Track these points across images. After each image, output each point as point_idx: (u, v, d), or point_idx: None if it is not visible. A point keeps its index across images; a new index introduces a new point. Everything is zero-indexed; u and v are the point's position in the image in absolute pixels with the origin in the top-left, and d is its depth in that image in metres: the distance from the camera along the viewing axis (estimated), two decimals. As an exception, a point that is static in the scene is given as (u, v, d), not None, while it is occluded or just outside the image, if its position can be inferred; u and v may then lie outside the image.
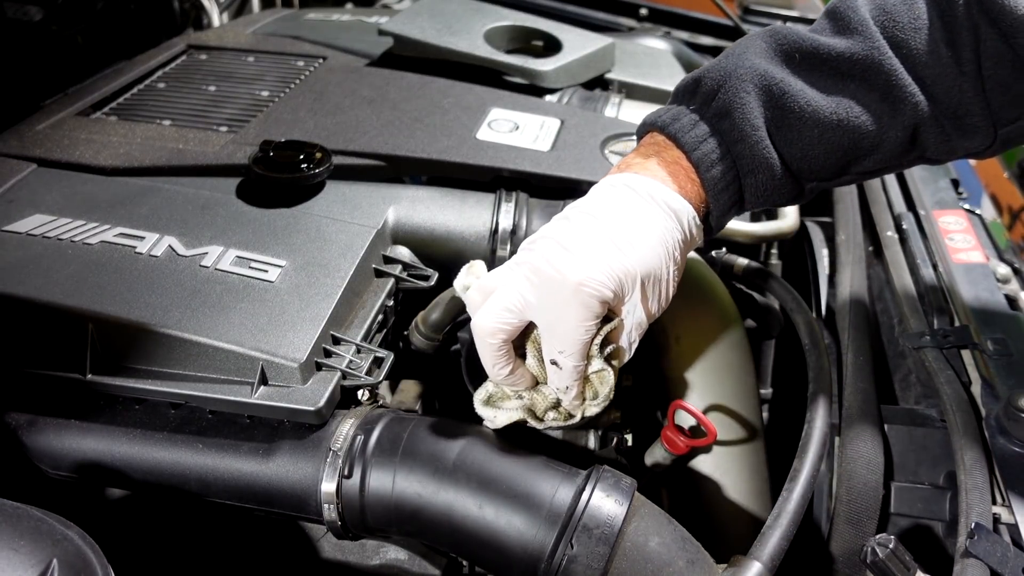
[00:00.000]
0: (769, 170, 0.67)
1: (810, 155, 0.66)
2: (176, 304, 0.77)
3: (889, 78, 0.63)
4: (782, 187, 0.69)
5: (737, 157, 0.67)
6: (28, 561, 0.49)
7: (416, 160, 1.02)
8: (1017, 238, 1.31)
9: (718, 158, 0.67)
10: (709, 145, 0.67)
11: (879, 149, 0.66)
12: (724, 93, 0.67)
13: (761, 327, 1.11)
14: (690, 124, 0.68)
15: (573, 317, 0.63)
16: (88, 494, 0.83)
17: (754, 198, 0.69)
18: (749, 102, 0.65)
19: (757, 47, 0.68)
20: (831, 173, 0.69)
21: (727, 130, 0.67)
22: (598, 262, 0.62)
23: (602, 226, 0.64)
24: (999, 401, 0.79)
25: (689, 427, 0.79)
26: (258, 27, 1.52)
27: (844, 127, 0.65)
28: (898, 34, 0.64)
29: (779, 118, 0.66)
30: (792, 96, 0.65)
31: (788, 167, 0.67)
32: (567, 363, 0.66)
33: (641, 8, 1.90)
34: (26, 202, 0.91)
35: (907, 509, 0.80)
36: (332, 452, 0.71)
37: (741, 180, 0.68)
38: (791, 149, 0.66)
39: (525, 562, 0.65)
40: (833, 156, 0.67)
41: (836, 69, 0.65)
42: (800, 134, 0.66)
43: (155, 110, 1.16)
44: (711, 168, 0.67)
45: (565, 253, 0.63)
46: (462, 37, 1.29)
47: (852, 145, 0.66)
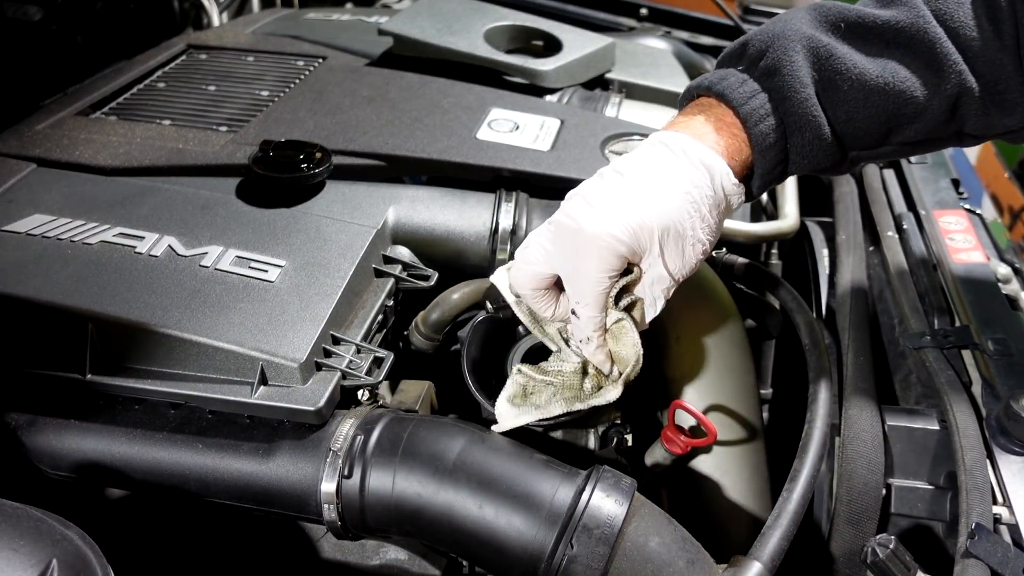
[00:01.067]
0: (816, 129, 0.67)
1: (855, 119, 0.67)
2: (176, 304, 0.77)
3: (933, 47, 0.64)
4: (827, 150, 0.69)
5: (785, 114, 0.67)
6: (28, 561, 0.49)
7: (416, 160, 1.02)
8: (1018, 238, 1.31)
9: (766, 113, 0.67)
10: (758, 101, 0.67)
11: (921, 117, 0.67)
12: (772, 52, 0.67)
13: (761, 327, 1.11)
14: (738, 82, 0.68)
15: (589, 268, 0.66)
16: (88, 494, 0.83)
17: (799, 158, 0.69)
18: (797, 60, 0.66)
19: (802, 17, 0.69)
20: (874, 139, 0.69)
21: (775, 88, 0.67)
22: (615, 215, 0.65)
23: (627, 181, 0.66)
24: (999, 401, 0.78)
25: (689, 427, 0.79)
26: (258, 27, 1.52)
27: (889, 91, 0.65)
28: (941, 6, 0.65)
29: (826, 80, 0.66)
30: (839, 58, 0.66)
31: (834, 129, 0.68)
32: (584, 313, 0.69)
33: (641, 8, 1.90)
34: (26, 202, 0.91)
35: (907, 509, 0.80)
36: (332, 452, 0.71)
37: (788, 139, 0.68)
38: (836, 111, 0.67)
39: (525, 562, 0.65)
40: (877, 121, 0.67)
41: (881, 37, 0.66)
42: (846, 96, 0.66)
43: (155, 110, 1.16)
44: (759, 123, 0.67)
45: (586, 207, 0.66)
46: (462, 37, 1.29)
47: (896, 110, 0.66)
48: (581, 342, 0.71)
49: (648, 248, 0.66)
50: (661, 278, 0.68)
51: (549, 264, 0.70)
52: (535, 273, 0.71)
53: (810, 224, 1.32)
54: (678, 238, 0.66)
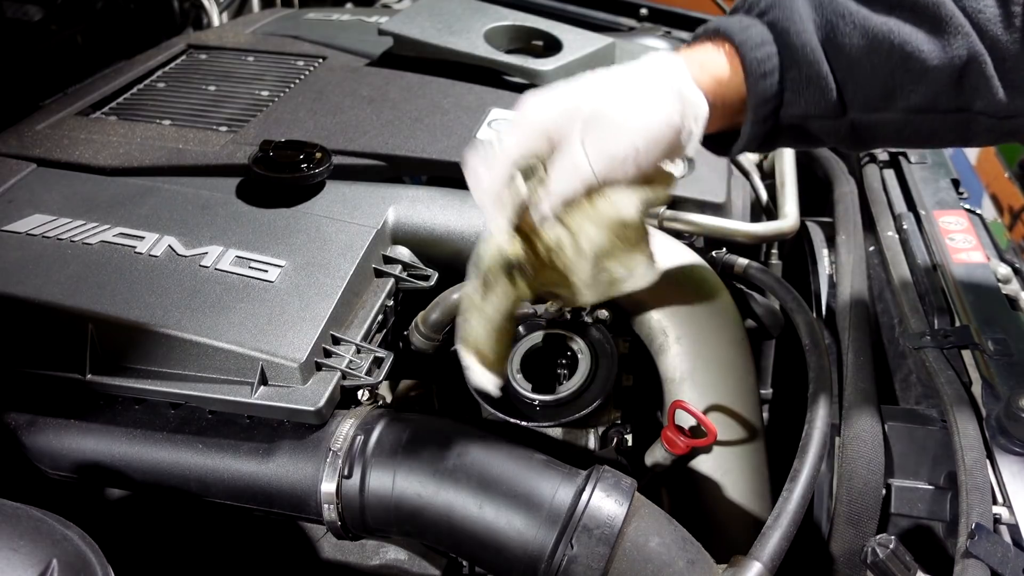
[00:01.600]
0: (812, 65, 0.65)
1: (855, 68, 0.65)
2: (176, 304, 0.77)
3: (939, 9, 0.63)
4: (825, 94, 0.67)
5: (781, 47, 0.66)
6: (28, 561, 0.49)
7: (416, 160, 1.02)
8: (1018, 238, 1.31)
9: (762, 41, 0.66)
10: (755, 30, 0.67)
11: (926, 78, 0.65)
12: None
13: (761, 327, 1.10)
14: (738, 20, 0.68)
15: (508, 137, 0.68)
16: (88, 494, 0.83)
17: (795, 96, 0.67)
18: (798, 3, 0.66)
19: None
20: (876, 98, 0.67)
21: (774, 20, 0.66)
22: (549, 90, 0.67)
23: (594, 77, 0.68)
24: (1000, 401, 0.78)
25: (689, 427, 0.79)
26: (258, 27, 1.52)
27: (893, 41, 0.64)
28: None
29: (827, 23, 0.65)
30: (842, 4, 0.65)
31: (834, 76, 0.66)
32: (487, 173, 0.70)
33: (641, 8, 1.90)
34: (26, 202, 0.91)
35: (907, 509, 0.80)
36: (332, 452, 0.71)
37: (784, 72, 0.67)
38: (837, 56, 0.65)
39: (525, 562, 0.65)
40: (879, 74, 0.65)
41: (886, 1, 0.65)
42: (847, 40, 0.65)
43: (155, 110, 1.16)
44: (755, 49, 0.66)
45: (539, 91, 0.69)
46: (462, 37, 1.29)
47: (900, 65, 0.65)
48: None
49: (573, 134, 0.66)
50: (577, 167, 0.66)
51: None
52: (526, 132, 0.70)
53: (810, 224, 1.32)
54: (605, 126, 0.66)
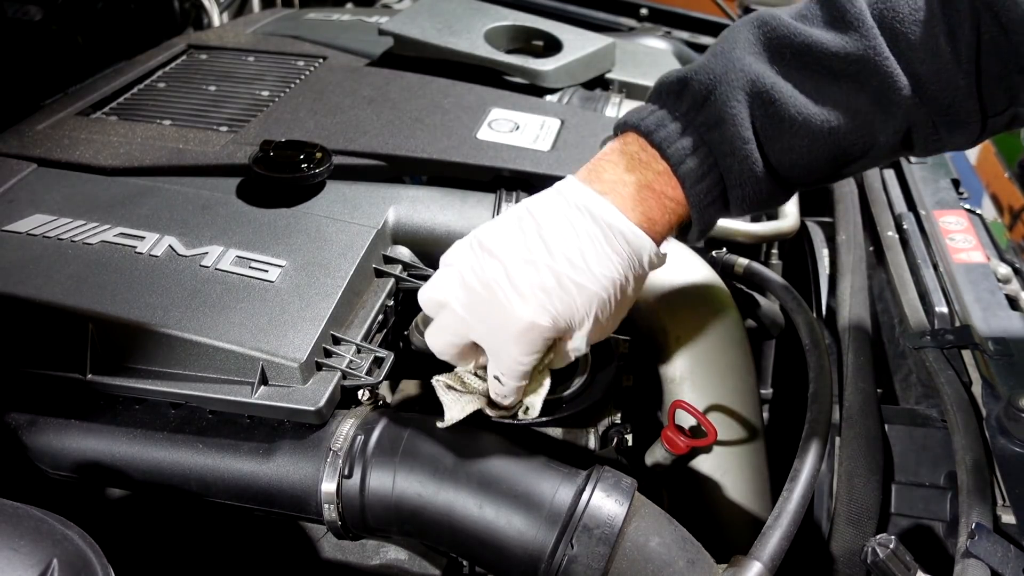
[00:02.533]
0: (757, 182, 0.65)
1: (799, 163, 0.65)
2: (176, 304, 0.77)
3: (884, 80, 0.61)
4: (769, 195, 0.67)
5: (725, 171, 0.64)
6: (28, 561, 0.49)
7: (416, 160, 1.02)
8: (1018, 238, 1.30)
9: (705, 172, 0.64)
10: (696, 159, 0.64)
11: (870, 153, 0.65)
12: (714, 102, 0.63)
13: (761, 327, 1.11)
14: (676, 133, 0.65)
15: (516, 351, 0.65)
16: (88, 494, 0.83)
17: (739, 207, 0.67)
18: (740, 112, 0.62)
19: (745, 41, 0.65)
20: (819, 178, 0.67)
21: (716, 143, 0.64)
22: (544, 305, 0.63)
23: (554, 263, 0.63)
24: (1000, 401, 0.79)
25: (689, 427, 0.79)
26: (258, 27, 1.52)
27: (835, 135, 0.63)
28: (897, 26, 0.61)
29: (769, 127, 0.63)
30: (783, 104, 0.62)
31: (776, 174, 0.65)
32: (508, 383, 0.69)
33: (641, 8, 1.90)
34: (26, 202, 0.91)
35: (907, 509, 0.80)
36: (332, 452, 0.71)
37: (727, 192, 0.66)
38: (780, 158, 0.64)
39: (525, 562, 0.65)
40: (822, 161, 0.65)
41: (829, 69, 0.62)
42: (790, 143, 0.63)
43: (155, 110, 1.16)
44: (697, 183, 0.65)
45: (512, 290, 0.63)
46: (462, 37, 1.29)
47: (843, 152, 0.64)
48: (498, 397, 0.71)
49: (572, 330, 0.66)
50: (579, 347, 0.68)
51: (466, 332, 0.67)
52: (452, 342, 0.68)
53: (810, 224, 1.32)
54: (599, 319, 0.66)
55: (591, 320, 0.65)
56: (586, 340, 0.67)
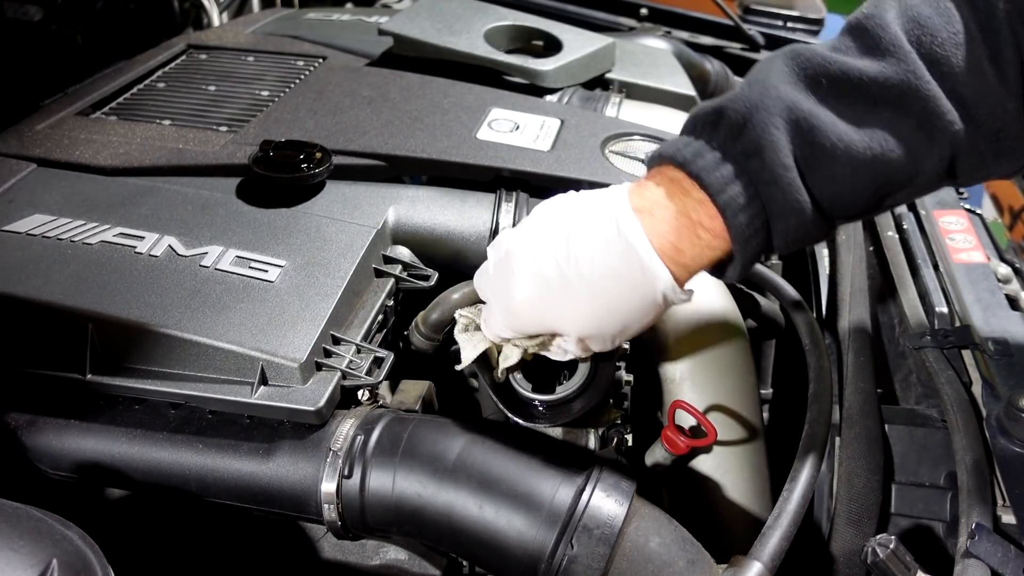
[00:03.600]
0: (801, 214, 0.61)
1: (843, 193, 0.61)
2: (176, 304, 0.77)
3: (927, 105, 0.57)
4: (813, 229, 0.63)
5: (767, 200, 0.61)
6: (28, 561, 0.49)
7: (416, 160, 1.02)
8: (1018, 238, 1.31)
9: (746, 202, 0.61)
10: (736, 188, 0.61)
11: (914, 181, 0.61)
12: (752, 129, 0.60)
13: (761, 327, 1.11)
14: (714, 163, 0.62)
15: (503, 322, 0.71)
16: (88, 494, 0.83)
17: (782, 241, 0.63)
18: (779, 139, 0.59)
19: (780, 72, 0.62)
20: (862, 209, 0.63)
21: (756, 171, 0.60)
22: (536, 294, 0.66)
23: (563, 257, 0.65)
24: (1000, 401, 0.78)
25: (689, 427, 0.79)
26: (258, 27, 1.52)
27: (878, 163, 0.59)
28: (937, 51, 0.57)
29: (809, 156, 0.60)
30: (823, 131, 0.59)
31: (820, 208, 0.62)
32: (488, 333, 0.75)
33: (641, 8, 1.90)
34: (26, 202, 0.91)
35: (908, 509, 0.80)
36: (332, 452, 0.71)
37: (771, 224, 0.62)
38: (823, 189, 0.61)
39: (525, 562, 0.65)
40: (866, 193, 0.61)
41: (867, 96, 0.59)
42: (832, 172, 0.60)
43: (155, 110, 1.16)
44: (738, 213, 0.61)
45: (521, 267, 0.66)
46: (462, 37, 1.29)
47: (886, 181, 0.60)
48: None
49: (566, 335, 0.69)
50: (576, 351, 0.70)
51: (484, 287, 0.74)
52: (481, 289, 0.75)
53: (810, 224, 1.32)
54: (599, 336, 0.67)
55: (578, 326, 0.66)
56: (574, 346, 0.69)
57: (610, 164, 1.04)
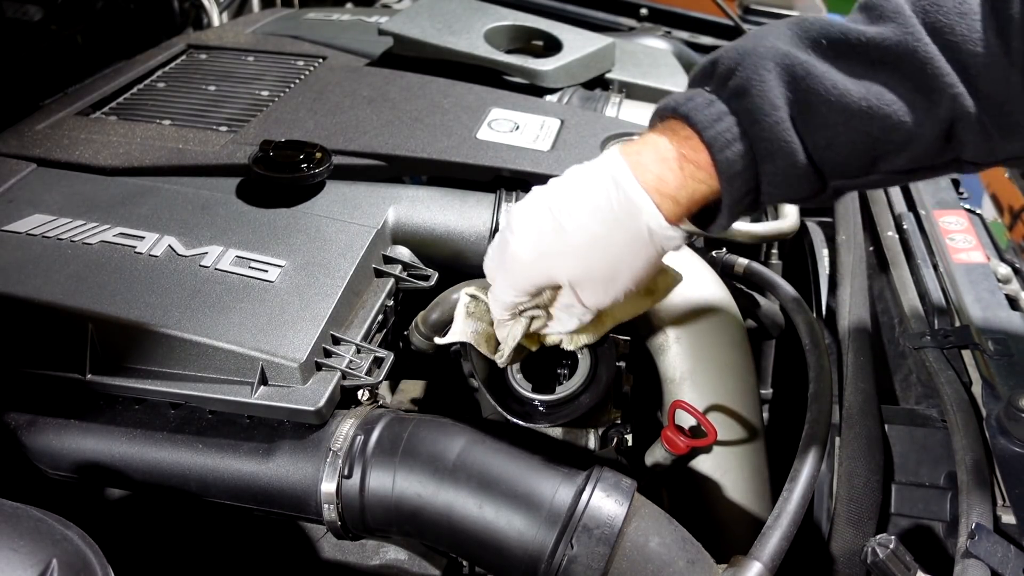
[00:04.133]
0: (789, 156, 0.61)
1: (835, 144, 0.61)
2: (176, 304, 0.77)
3: (924, 66, 0.58)
4: (803, 179, 0.63)
5: (754, 139, 0.62)
6: (28, 561, 0.49)
7: (416, 160, 1.02)
8: (1018, 238, 1.31)
9: (734, 137, 0.62)
10: (724, 124, 0.62)
11: (911, 145, 0.61)
12: (742, 71, 0.62)
13: (761, 327, 1.11)
14: (705, 103, 0.63)
15: (503, 281, 0.71)
16: (88, 494, 0.83)
17: (771, 188, 0.64)
18: (769, 80, 0.61)
19: (780, 32, 0.63)
20: (857, 168, 0.64)
21: (744, 110, 0.62)
22: (533, 243, 0.67)
23: (558, 207, 0.66)
24: (1000, 401, 0.78)
25: (689, 427, 0.79)
26: (258, 27, 1.52)
27: (873, 114, 0.59)
28: (941, 19, 0.58)
29: (802, 101, 0.60)
30: (817, 77, 0.60)
31: (811, 157, 0.62)
32: (493, 307, 0.74)
33: (641, 8, 1.90)
34: (26, 202, 0.91)
35: (908, 509, 0.80)
36: (332, 452, 0.71)
37: (758, 166, 0.63)
38: (815, 136, 0.61)
39: (525, 562, 0.65)
40: (860, 147, 0.61)
41: (866, 56, 0.60)
42: (825, 119, 0.60)
43: (155, 110, 1.16)
44: (725, 148, 0.62)
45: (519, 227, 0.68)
46: (462, 37, 1.29)
47: (882, 136, 0.60)
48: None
49: (561, 282, 0.68)
50: (576, 306, 0.70)
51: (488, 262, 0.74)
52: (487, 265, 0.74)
53: (810, 224, 1.32)
54: (591, 279, 0.67)
55: (570, 270, 0.66)
56: (572, 298, 0.68)
57: (610, 164, 1.04)
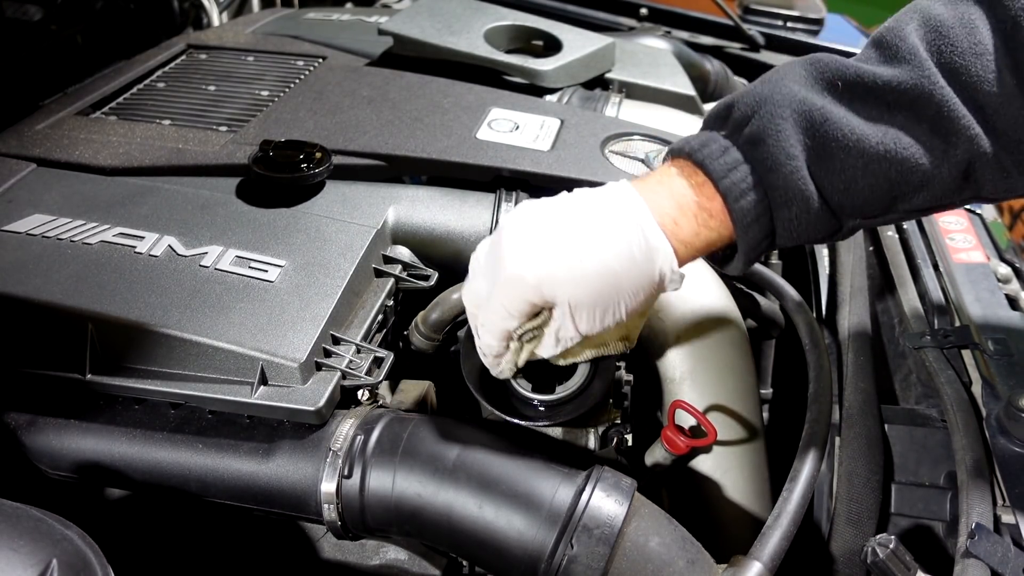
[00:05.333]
0: (804, 203, 0.61)
1: (853, 188, 0.61)
2: (176, 304, 0.77)
3: (940, 109, 0.58)
4: (818, 222, 0.63)
5: (769, 188, 0.62)
6: (28, 561, 0.49)
7: (416, 160, 1.02)
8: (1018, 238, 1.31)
9: (748, 187, 0.62)
10: (739, 173, 0.62)
11: (929, 186, 0.61)
12: (758, 119, 0.62)
13: (761, 327, 1.11)
14: (720, 150, 0.63)
15: (497, 302, 0.65)
16: (88, 494, 0.83)
17: (786, 232, 0.64)
18: (785, 129, 0.61)
19: (795, 74, 0.63)
20: (876, 209, 0.63)
21: (760, 158, 0.62)
22: (533, 263, 0.62)
23: (562, 231, 0.63)
24: (1000, 401, 0.79)
25: (689, 427, 0.79)
26: (258, 27, 1.52)
27: (891, 159, 0.59)
28: (956, 60, 0.58)
29: (819, 147, 0.61)
30: (834, 123, 0.60)
31: (827, 201, 0.62)
32: (484, 338, 0.68)
33: (641, 8, 1.90)
34: (26, 202, 0.91)
35: (907, 509, 0.80)
36: (332, 452, 0.71)
37: (773, 213, 0.63)
38: (832, 180, 0.61)
39: (525, 562, 0.65)
40: (879, 190, 0.61)
41: (882, 99, 0.60)
42: (843, 164, 0.60)
43: (155, 110, 1.16)
44: (740, 199, 0.62)
45: (513, 245, 0.63)
46: (462, 37, 1.29)
47: (900, 179, 0.60)
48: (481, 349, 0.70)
49: (559, 305, 0.64)
50: (567, 330, 0.65)
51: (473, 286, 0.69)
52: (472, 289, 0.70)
53: (810, 224, 1.32)
54: (591, 307, 0.63)
55: (571, 288, 0.62)
56: (572, 323, 0.64)
57: (610, 164, 1.04)
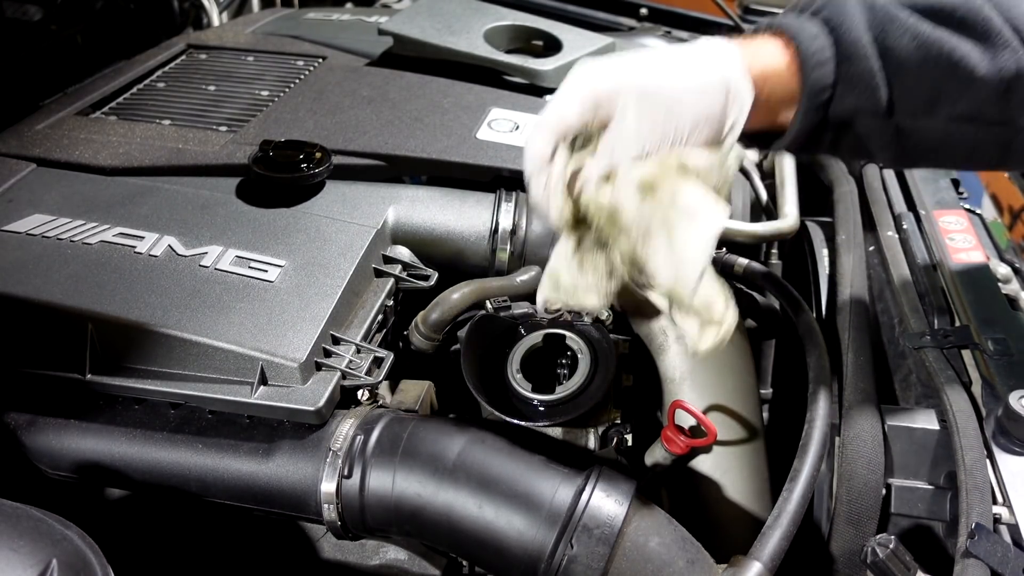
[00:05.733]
0: (865, 60, 0.67)
1: (905, 70, 0.67)
2: (176, 304, 0.77)
3: (987, 23, 0.65)
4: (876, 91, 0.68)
5: (838, 41, 0.68)
6: (28, 561, 0.49)
7: (416, 160, 1.02)
8: (1018, 238, 1.30)
9: (816, 34, 0.68)
10: (810, 25, 0.68)
11: (972, 87, 0.66)
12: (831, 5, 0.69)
13: (761, 327, 1.10)
14: (793, 16, 0.70)
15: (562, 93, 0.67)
16: (88, 494, 0.83)
17: (846, 89, 0.68)
18: (851, 3, 0.68)
19: None
20: (922, 104, 0.68)
21: (829, 17, 0.68)
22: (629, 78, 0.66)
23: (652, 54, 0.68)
24: (1000, 401, 0.78)
25: (689, 427, 0.79)
26: (258, 27, 1.52)
27: (942, 48, 0.66)
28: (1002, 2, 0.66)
29: (879, 25, 0.67)
30: (892, 9, 0.67)
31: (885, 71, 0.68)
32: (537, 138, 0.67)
33: (641, 8, 1.90)
34: (25, 202, 0.91)
35: (907, 509, 0.80)
36: (332, 452, 0.71)
37: (838, 66, 0.68)
38: (888, 56, 0.67)
39: (525, 562, 0.65)
40: (927, 78, 0.67)
41: (934, 16, 0.67)
42: (898, 43, 0.67)
43: (155, 110, 1.16)
44: (810, 40, 0.68)
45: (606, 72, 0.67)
46: (462, 37, 1.29)
47: (947, 71, 0.66)
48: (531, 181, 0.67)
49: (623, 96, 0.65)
50: (625, 135, 0.64)
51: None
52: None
53: (810, 224, 1.32)
54: (654, 110, 0.65)
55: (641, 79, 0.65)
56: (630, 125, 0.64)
57: (610, 164, 1.04)
